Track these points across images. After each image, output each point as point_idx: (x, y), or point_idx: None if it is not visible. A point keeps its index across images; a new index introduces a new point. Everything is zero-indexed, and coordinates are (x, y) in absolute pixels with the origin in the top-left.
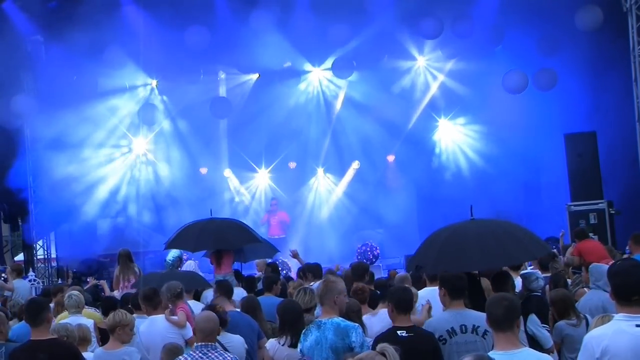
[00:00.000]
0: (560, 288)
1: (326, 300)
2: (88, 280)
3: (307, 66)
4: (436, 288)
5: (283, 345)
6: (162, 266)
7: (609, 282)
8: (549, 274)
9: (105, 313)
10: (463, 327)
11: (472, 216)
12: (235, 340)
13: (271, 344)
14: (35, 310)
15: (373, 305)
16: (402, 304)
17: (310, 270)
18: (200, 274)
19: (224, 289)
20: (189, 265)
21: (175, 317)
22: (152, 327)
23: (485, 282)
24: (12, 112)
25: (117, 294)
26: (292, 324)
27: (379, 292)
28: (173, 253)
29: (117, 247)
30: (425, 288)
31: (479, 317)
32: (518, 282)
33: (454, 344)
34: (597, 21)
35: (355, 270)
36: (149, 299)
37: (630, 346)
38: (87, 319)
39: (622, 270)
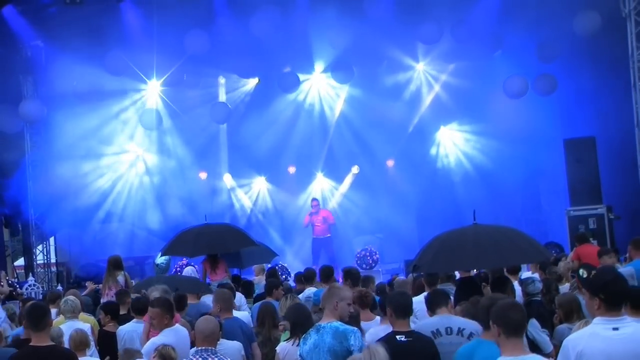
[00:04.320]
0: (567, 292)
1: (327, 304)
2: (87, 284)
3: (307, 71)
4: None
5: (293, 345)
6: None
7: (597, 295)
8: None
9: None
10: (448, 329)
11: (474, 220)
12: (230, 347)
13: (282, 347)
14: (39, 316)
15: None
16: (401, 308)
17: (305, 276)
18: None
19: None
20: (188, 271)
21: None
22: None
23: (487, 290)
24: (14, 117)
25: (102, 300)
26: (301, 325)
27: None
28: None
29: (117, 252)
30: (424, 293)
31: (464, 322)
32: (518, 288)
33: (438, 345)
34: (596, 26)
35: (349, 276)
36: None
37: (604, 350)
38: (84, 323)
39: (609, 282)
